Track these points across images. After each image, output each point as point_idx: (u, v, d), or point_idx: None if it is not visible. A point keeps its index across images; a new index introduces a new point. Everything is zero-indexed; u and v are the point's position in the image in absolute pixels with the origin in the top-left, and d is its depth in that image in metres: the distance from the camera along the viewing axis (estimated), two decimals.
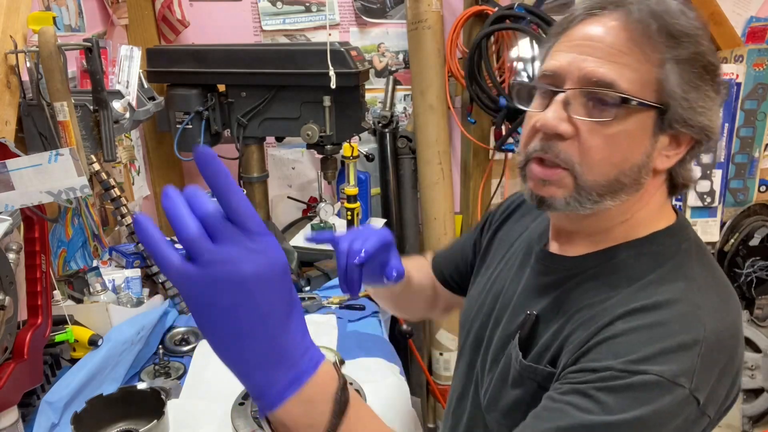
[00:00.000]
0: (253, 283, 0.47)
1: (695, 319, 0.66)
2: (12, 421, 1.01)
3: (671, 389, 0.62)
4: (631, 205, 0.74)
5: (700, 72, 0.69)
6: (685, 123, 0.69)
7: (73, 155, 0.99)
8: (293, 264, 1.70)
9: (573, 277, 0.77)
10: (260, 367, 0.50)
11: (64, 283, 1.41)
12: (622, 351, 0.64)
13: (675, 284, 0.69)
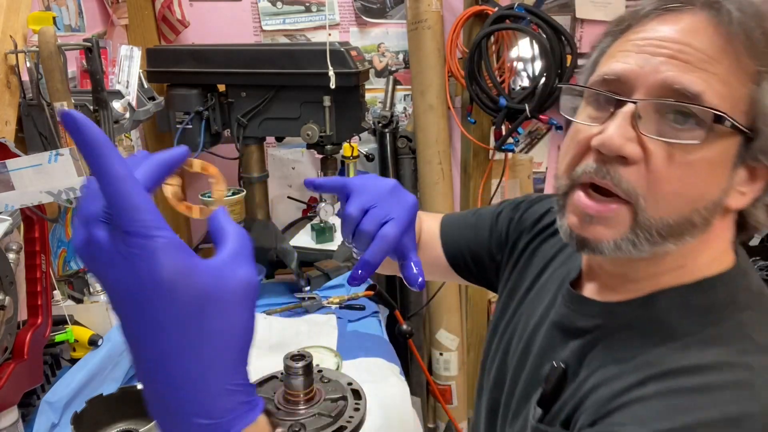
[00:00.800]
0: (118, 293, 0.37)
1: (748, 389, 0.52)
2: (12, 421, 1.01)
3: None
4: (692, 249, 0.59)
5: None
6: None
7: (73, 155, 0.99)
8: (293, 264, 1.70)
9: (602, 327, 0.63)
10: (148, 400, 0.40)
11: (64, 283, 1.41)
12: (652, 417, 0.51)
13: (727, 345, 0.55)
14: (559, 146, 2.76)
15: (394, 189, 0.73)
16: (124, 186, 0.36)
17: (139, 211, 0.36)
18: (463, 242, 0.92)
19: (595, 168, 0.57)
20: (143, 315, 0.37)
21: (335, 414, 1.00)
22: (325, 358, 1.35)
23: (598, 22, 2.35)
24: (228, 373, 0.39)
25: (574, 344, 0.65)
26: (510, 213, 0.89)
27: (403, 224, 0.70)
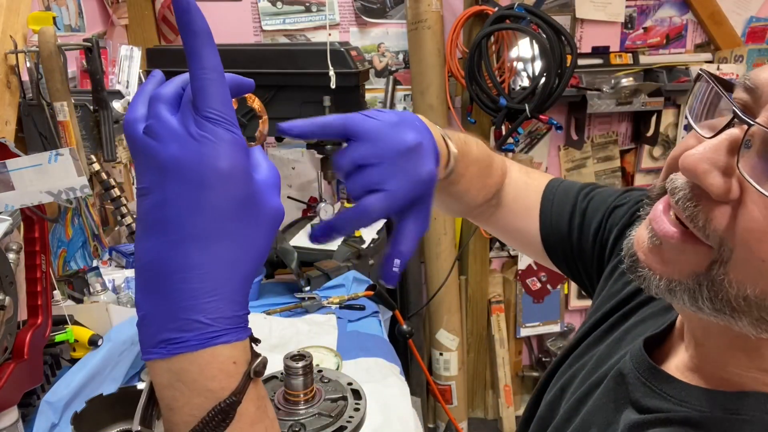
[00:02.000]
0: (171, 169, 0.37)
1: None
2: (12, 421, 1.01)
3: None
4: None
5: None
6: None
7: (73, 155, 0.99)
8: (293, 264, 1.70)
9: (692, 421, 0.46)
10: (144, 289, 0.39)
11: (64, 283, 1.41)
12: None
13: None
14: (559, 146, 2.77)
15: (410, 151, 0.55)
16: (214, 76, 0.38)
17: (223, 105, 0.38)
18: (565, 228, 0.75)
19: (684, 198, 0.43)
20: (190, 194, 0.37)
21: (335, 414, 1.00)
22: (325, 358, 1.35)
23: (598, 22, 2.36)
24: (244, 283, 0.40)
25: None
26: (629, 210, 0.70)
27: (397, 201, 0.54)
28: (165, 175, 0.38)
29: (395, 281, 0.57)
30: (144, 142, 0.38)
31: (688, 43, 2.48)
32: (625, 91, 2.29)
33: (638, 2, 2.40)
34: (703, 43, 2.49)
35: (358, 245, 1.89)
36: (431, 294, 2.29)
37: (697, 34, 2.47)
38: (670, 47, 2.48)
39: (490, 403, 2.61)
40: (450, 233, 2.27)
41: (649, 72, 2.43)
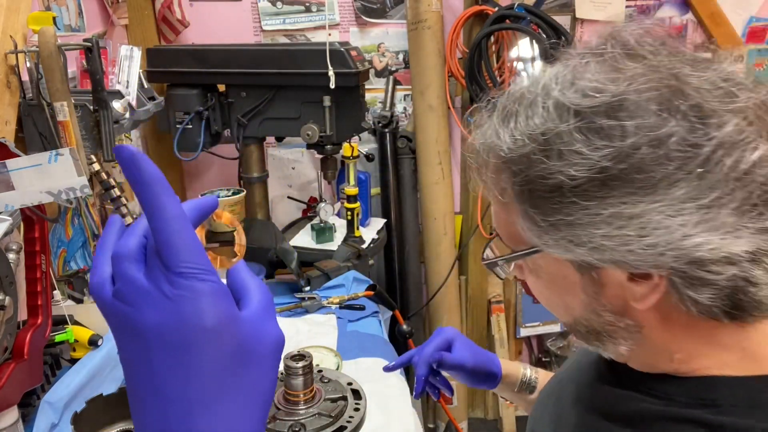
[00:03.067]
0: (151, 336, 0.34)
1: None
2: (12, 421, 1.01)
3: None
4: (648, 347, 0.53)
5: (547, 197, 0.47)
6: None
7: (73, 155, 0.99)
8: (293, 264, 1.70)
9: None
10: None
11: (64, 283, 1.41)
12: None
13: None
14: None
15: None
16: (178, 225, 0.34)
17: (192, 253, 0.34)
18: None
19: None
20: (178, 360, 0.34)
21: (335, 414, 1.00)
22: (325, 358, 1.35)
23: (598, 22, 2.36)
24: (260, 428, 0.37)
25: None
26: None
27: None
28: (147, 343, 0.34)
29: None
30: (116, 307, 0.35)
31: None
32: None
33: (638, 2, 2.39)
34: (703, 43, 2.48)
35: (358, 245, 1.89)
36: (431, 294, 2.29)
37: (697, 34, 2.47)
38: None
39: (490, 403, 2.61)
40: (450, 233, 2.27)
41: None
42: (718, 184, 0.42)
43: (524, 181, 0.47)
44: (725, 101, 0.44)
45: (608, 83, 0.44)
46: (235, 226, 0.56)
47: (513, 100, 0.50)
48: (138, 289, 0.34)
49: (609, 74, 0.45)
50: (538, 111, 0.47)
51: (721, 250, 0.43)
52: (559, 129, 0.45)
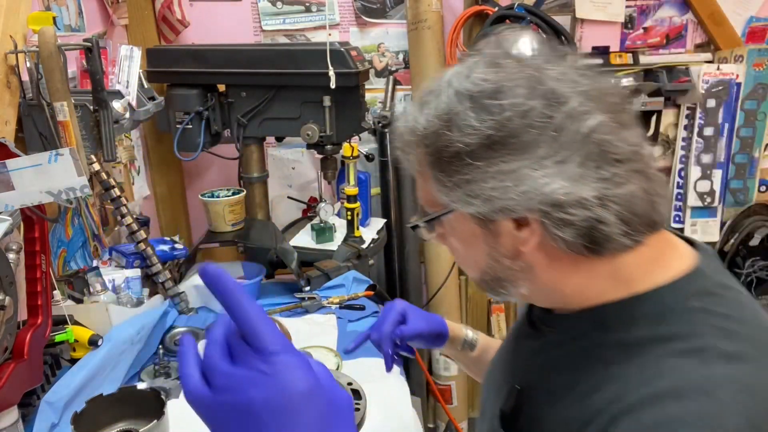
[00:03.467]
0: (260, 411, 0.43)
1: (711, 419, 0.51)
2: (12, 421, 1.01)
3: None
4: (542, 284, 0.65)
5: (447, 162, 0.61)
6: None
7: (73, 155, 0.99)
8: (293, 264, 1.70)
9: (557, 338, 0.68)
10: None
11: (64, 283, 1.41)
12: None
13: (679, 366, 0.55)
14: None
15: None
16: (260, 317, 0.45)
17: (276, 335, 0.45)
18: None
19: None
20: (286, 423, 0.43)
21: None
22: (325, 358, 1.35)
23: (598, 22, 2.36)
24: None
25: (536, 363, 0.71)
26: None
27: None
28: (258, 419, 0.43)
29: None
30: (221, 401, 0.44)
31: (688, 43, 2.48)
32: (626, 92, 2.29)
33: (638, 2, 2.39)
34: (703, 43, 2.48)
35: (358, 245, 1.89)
36: (431, 294, 2.29)
37: (697, 34, 2.47)
38: (670, 47, 2.47)
39: None
40: None
41: (649, 72, 2.43)
42: (566, 144, 0.57)
43: (434, 151, 0.62)
44: (571, 86, 0.59)
45: (491, 75, 0.60)
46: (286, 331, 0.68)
47: (426, 93, 0.65)
48: (239, 377, 0.43)
49: (492, 69, 0.61)
50: (443, 98, 0.62)
51: (573, 195, 0.57)
52: (457, 109, 0.60)
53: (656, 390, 0.54)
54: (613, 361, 0.59)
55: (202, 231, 1.87)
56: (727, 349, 0.55)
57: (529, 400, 0.68)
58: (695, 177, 2.53)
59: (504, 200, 0.59)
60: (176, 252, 1.72)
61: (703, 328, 0.57)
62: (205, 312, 1.65)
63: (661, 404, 0.53)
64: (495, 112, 0.58)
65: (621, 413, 0.54)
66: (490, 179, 0.59)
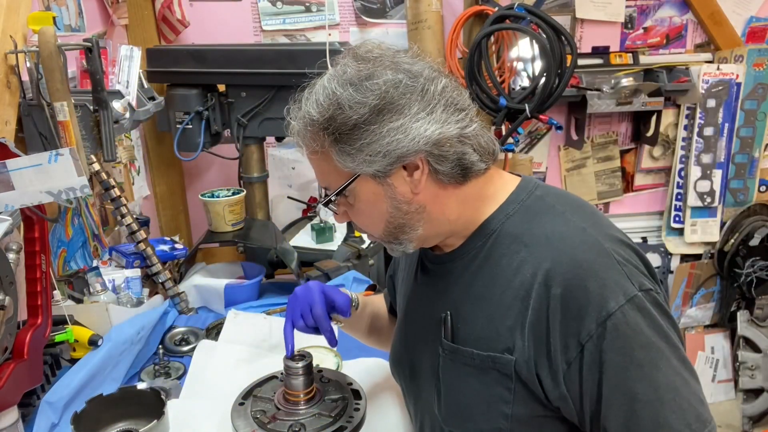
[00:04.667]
0: None
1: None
2: (12, 421, 1.01)
3: None
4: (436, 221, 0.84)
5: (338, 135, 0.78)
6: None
7: (73, 155, 0.99)
8: (293, 264, 1.70)
9: (459, 265, 0.87)
10: None
11: (64, 283, 1.41)
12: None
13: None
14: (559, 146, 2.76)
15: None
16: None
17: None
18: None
19: None
20: None
21: (335, 414, 1.00)
22: (325, 358, 1.35)
23: (598, 22, 2.36)
24: None
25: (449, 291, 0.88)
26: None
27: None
28: None
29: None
30: None
31: (688, 43, 2.48)
32: (625, 91, 2.29)
33: (638, 2, 2.39)
34: (703, 43, 2.49)
35: (358, 245, 1.89)
36: None
37: (697, 34, 2.47)
38: (670, 47, 2.48)
39: None
40: None
41: (649, 72, 2.43)
42: (430, 99, 0.78)
43: (333, 130, 0.77)
44: (419, 65, 0.80)
45: (362, 67, 0.78)
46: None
47: (301, 97, 0.82)
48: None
49: (361, 63, 0.79)
50: (323, 92, 0.79)
51: (444, 134, 0.77)
52: (342, 94, 0.77)
53: (551, 245, 0.78)
54: (513, 249, 0.81)
55: (202, 231, 1.87)
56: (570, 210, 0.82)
57: (459, 318, 0.84)
58: (695, 177, 2.53)
59: (399, 149, 0.76)
60: (176, 252, 1.72)
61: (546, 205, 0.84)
62: (205, 312, 1.65)
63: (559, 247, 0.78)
64: (375, 89, 0.76)
65: (545, 271, 0.76)
66: (385, 136, 0.76)
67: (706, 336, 2.82)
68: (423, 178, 0.79)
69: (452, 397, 0.86)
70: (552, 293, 0.74)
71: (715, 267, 2.68)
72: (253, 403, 1.04)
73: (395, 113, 0.76)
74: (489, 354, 0.80)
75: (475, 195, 0.83)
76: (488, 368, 0.80)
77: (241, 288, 1.66)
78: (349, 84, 0.77)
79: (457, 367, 0.84)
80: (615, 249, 0.77)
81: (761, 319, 2.61)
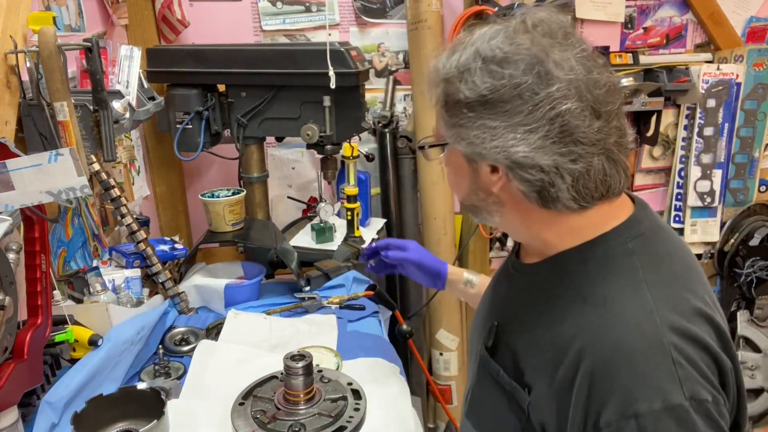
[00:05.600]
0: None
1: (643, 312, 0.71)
2: (12, 421, 1.01)
3: None
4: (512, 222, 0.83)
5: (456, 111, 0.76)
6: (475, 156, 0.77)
7: (73, 155, 0.99)
8: (293, 264, 1.70)
9: (528, 283, 0.85)
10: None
11: (64, 283, 1.41)
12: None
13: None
14: None
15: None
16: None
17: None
18: None
19: None
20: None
21: (335, 414, 1.00)
22: (325, 358, 1.35)
23: (598, 22, 2.36)
24: None
25: (512, 303, 0.88)
26: None
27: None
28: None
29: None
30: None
31: (688, 43, 2.48)
32: (625, 91, 2.29)
33: (638, 2, 2.39)
34: (703, 43, 2.48)
35: (358, 245, 1.89)
36: (431, 294, 2.29)
37: (697, 34, 2.47)
38: (670, 47, 2.48)
39: None
40: (450, 233, 2.27)
41: (649, 72, 2.43)
42: (538, 118, 0.70)
43: (444, 93, 0.77)
44: (565, 71, 0.71)
45: (505, 45, 0.72)
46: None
47: (458, 43, 0.77)
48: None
49: (507, 40, 0.73)
50: (466, 53, 0.75)
51: (531, 160, 0.72)
52: (471, 66, 0.73)
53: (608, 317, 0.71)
54: (569, 297, 0.76)
55: (202, 231, 1.87)
56: (654, 279, 0.73)
57: (505, 333, 0.84)
58: (695, 177, 2.53)
59: (480, 147, 0.74)
60: (176, 252, 1.72)
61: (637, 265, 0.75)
62: (205, 312, 1.65)
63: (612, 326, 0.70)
64: (496, 77, 0.71)
65: (585, 340, 0.71)
66: (475, 129, 0.74)
67: None
68: (500, 183, 0.77)
69: (476, 399, 0.90)
70: (582, 368, 0.69)
71: (715, 267, 2.68)
72: (253, 403, 1.04)
73: (497, 113, 0.72)
74: (512, 382, 0.79)
75: (562, 222, 0.78)
76: (509, 394, 0.80)
77: (241, 288, 1.66)
78: (482, 59, 0.73)
79: (486, 378, 0.85)
80: (679, 345, 0.66)
81: (761, 319, 2.61)
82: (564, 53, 0.72)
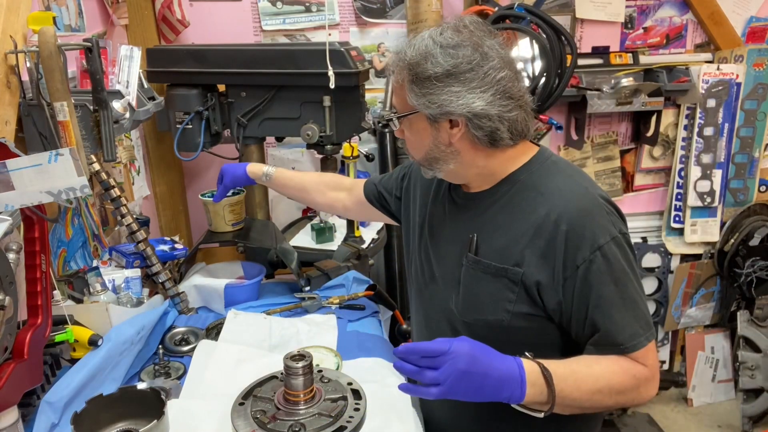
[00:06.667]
0: (469, 368, 0.91)
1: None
2: (12, 421, 1.01)
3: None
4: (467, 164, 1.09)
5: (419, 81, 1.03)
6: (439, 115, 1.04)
7: (73, 155, 0.99)
8: (293, 264, 1.70)
9: (487, 203, 1.12)
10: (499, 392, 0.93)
11: (64, 283, 1.41)
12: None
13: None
14: (559, 146, 2.76)
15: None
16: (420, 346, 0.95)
17: (432, 346, 0.94)
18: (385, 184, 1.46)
19: None
20: (477, 366, 0.94)
21: (335, 414, 1.00)
22: (325, 358, 1.35)
23: (598, 22, 2.36)
24: None
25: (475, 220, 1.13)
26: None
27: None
28: (469, 372, 0.93)
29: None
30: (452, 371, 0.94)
31: (688, 43, 2.48)
32: (625, 91, 2.29)
33: (638, 2, 2.40)
34: (703, 43, 2.49)
35: (358, 245, 1.89)
36: None
37: (697, 34, 2.47)
38: (670, 47, 2.48)
39: None
40: None
41: (649, 72, 2.43)
42: (488, 82, 1.01)
43: (413, 73, 1.03)
44: (495, 51, 1.02)
45: (454, 36, 1.02)
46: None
47: (413, 38, 1.06)
48: (448, 369, 0.93)
49: (455, 33, 1.02)
50: (423, 43, 1.02)
51: (486, 111, 1.01)
52: (432, 51, 1.01)
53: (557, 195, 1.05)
54: (531, 195, 1.06)
55: (202, 231, 1.87)
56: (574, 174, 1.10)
57: (483, 240, 1.09)
58: (695, 177, 2.53)
59: (449, 108, 1.01)
60: (176, 252, 1.72)
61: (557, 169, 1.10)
62: (205, 312, 1.65)
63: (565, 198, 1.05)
64: (455, 57, 1.00)
65: (556, 213, 1.02)
66: (444, 94, 1.01)
67: (706, 336, 2.82)
68: (459, 134, 1.04)
69: (468, 296, 1.11)
70: (560, 229, 1.00)
71: (715, 267, 2.68)
72: (253, 403, 1.04)
73: (459, 81, 1.00)
74: (502, 266, 1.05)
75: (502, 155, 1.08)
76: (500, 276, 1.06)
77: (241, 288, 1.66)
78: (440, 45, 1.00)
79: (476, 274, 1.09)
80: (605, 204, 1.05)
81: (761, 319, 2.61)
82: (491, 41, 1.03)
